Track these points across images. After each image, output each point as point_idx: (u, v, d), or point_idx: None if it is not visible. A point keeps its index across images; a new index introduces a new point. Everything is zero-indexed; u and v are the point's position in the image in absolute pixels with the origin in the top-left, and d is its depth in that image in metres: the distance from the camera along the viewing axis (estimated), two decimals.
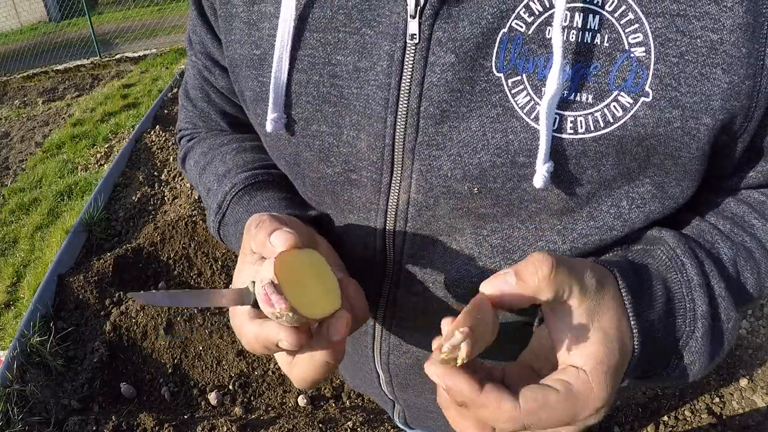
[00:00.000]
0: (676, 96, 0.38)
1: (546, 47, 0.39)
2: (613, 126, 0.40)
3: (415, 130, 0.43)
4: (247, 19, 0.49)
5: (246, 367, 1.94)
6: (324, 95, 0.46)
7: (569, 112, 0.40)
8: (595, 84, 0.39)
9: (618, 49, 0.38)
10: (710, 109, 0.38)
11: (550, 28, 0.39)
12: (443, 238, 0.48)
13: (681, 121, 0.39)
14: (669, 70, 0.38)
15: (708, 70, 0.38)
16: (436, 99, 0.42)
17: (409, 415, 0.72)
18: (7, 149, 4.27)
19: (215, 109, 0.64)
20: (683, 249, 0.42)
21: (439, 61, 0.41)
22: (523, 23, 0.39)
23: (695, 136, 0.39)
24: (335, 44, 0.45)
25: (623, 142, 0.40)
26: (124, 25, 6.81)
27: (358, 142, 0.46)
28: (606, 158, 0.41)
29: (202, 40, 0.57)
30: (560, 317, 0.37)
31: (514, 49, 0.40)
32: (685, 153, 0.40)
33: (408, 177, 0.45)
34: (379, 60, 0.43)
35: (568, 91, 0.39)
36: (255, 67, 0.50)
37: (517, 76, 0.40)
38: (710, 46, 0.37)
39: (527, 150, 0.41)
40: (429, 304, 0.52)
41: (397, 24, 0.41)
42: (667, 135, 0.39)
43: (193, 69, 0.63)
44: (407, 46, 0.41)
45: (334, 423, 1.70)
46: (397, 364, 0.60)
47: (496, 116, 0.41)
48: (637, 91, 0.39)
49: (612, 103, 0.39)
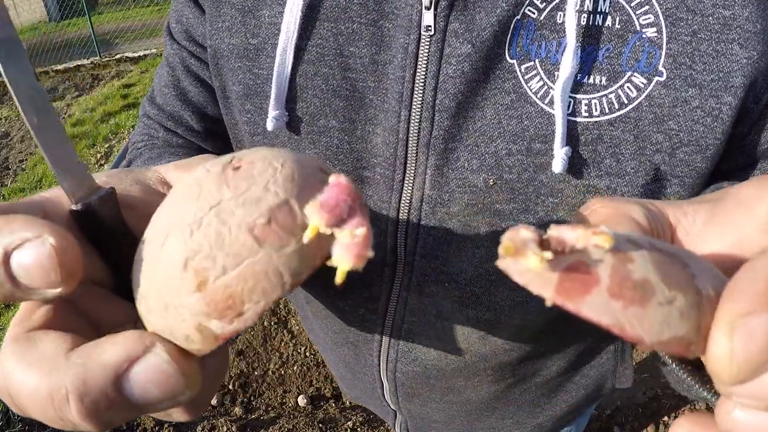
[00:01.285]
0: (692, 74, 0.38)
1: (558, 32, 0.39)
2: (628, 107, 0.39)
3: (430, 123, 0.42)
4: (241, 6, 0.46)
5: (246, 367, 1.94)
6: (334, 88, 0.44)
7: (583, 95, 0.40)
8: (608, 66, 0.39)
9: (629, 30, 0.38)
10: (731, 86, 0.38)
11: (561, 13, 0.39)
12: (458, 236, 0.46)
13: (700, 99, 0.38)
14: (682, 49, 0.38)
15: (723, 46, 0.37)
16: (452, 91, 0.41)
17: (411, 425, 0.69)
18: (7, 149, 4.27)
19: (192, 110, 0.55)
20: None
21: (455, 53, 0.40)
22: (535, 9, 0.39)
23: (718, 117, 0.39)
24: (349, 35, 0.43)
25: (640, 126, 0.39)
26: (124, 25, 6.81)
27: (374, 138, 0.45)
28: (624, 145, 0.40)
29: (189, 27, 0.52)
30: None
31: (526, 35, 0.40)
32: (711, 140, 0.39)
33: (422, 173, 0.44)
34: (397, 53, 0.42)
35: (581, 74, 0.39)
36: (249, 57, 0.47)
37: (530, 61, 0.40)
38: (723, 22, 0.37)
39: (543, 136, 0.41)
40: (442, 306, 0.50)
41: (411, 16, 0.41)
42: (686, 116, 0.39)
43: (169, 66, 0.56)
44: (422, 38, 0.41)
45: (334, 423, 1.70)
46: (404, 372, 0.58)
47: (510, 103, 0.41)
48: (651, 71, 0.38)
49: (626, 84, 0.39)
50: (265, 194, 0.23)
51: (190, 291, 0.22)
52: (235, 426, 1.67)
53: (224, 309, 0.22)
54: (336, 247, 0.23)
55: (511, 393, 0.60)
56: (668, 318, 0.19)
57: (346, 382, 0.69)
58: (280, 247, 0.22)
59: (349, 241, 0.22)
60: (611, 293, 0.19)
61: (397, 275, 0.50)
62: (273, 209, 0.22)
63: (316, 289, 0.58)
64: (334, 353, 0.64)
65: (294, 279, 0.23)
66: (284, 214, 0.22)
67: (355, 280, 0.52)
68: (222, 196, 0.23)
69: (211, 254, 0.22)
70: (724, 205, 0.23)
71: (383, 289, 0.51)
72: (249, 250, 0.22)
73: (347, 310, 0.56)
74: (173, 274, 0.22)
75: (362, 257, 0.22)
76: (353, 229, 0.22)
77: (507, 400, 0.61)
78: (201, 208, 0.23)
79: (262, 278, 0.22)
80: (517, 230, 0.20)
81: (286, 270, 0.22)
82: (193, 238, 0.22)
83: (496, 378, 0.57)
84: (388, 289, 0.51)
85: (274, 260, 0.22)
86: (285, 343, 2.01)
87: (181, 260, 0.22)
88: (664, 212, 0.24)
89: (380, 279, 0.51)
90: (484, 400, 0.60)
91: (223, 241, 0.22)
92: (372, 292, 0.52)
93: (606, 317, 0.19)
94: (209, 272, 0.22)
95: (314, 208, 0.22)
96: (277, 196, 0.23)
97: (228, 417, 1.74)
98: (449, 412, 0.63)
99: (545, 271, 0.20)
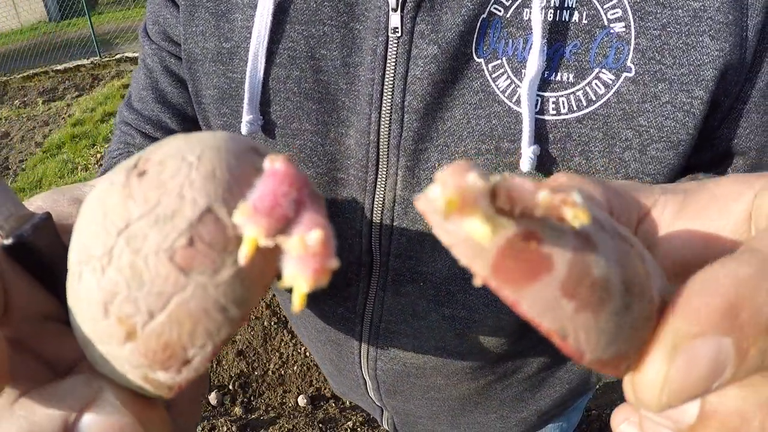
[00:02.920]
0: (661, 69, 0.37)
1: (524, 29, 0.39)
2: (596, 104, 0.39)
3: (400, 125, 0.42)
4: (215, 10, 0.46)
5: (246, 367, 1.94)
6: (306, 91, 0.44)
7: (550, 92, 0.39)
8: (575, 62, 0.38)
9: (597, 26, 0.38)
10: (702, 80, 0.37)
11: (527, 10, 0.38)
12: (430, 236, 0.46)
13: (670, 94, 0.38)
14: (651, 44, 0.37)
15: (694, 39, 0.37)
16: (420, 92, 0.41)
17: (398, 421, 0.70)
18: (7, 149, 4.27)
19: (171, 112, 0.55)
20: None
21: (422, 54, 0.40)
22: (501, 7, 0.39)
23: (689, 112, 0.38)
24: (320, 38, 0.43)
25: (609, 122, 0.39)
26: (124, 25, 6.81)
27: (346, 140, 0.45)
28: (593, 143, 0.40)
29: (167, 27, 0.51)
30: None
31: (493, 34, 0.39)
32: (684, 135, 0.39)
33: (393, 174, 0.44)
34: (366, 55, 0.42)
35: (549, 71, 0.39)
36: (223, 61, 0.47)
37: (497, 60, 0.40)
38: (693, 14, 0.36)
39: (511, 135, 0.40)
40: (418, 305, 0.51)
41: (379, 18, 0.40)
42: (656, 112, 0.38)
43: (147, 68, 0.55)
44: (390, 40, 0.40)
45: (334, 423, 1.70)
46: (385, 370, 0.58)
47: (478, 102, 0.41)
48: (619, 67, 0.38)
49: (593, 81, 0.38)
50: (180, 204, 0.17)
51: (119, 342, 0.18)
52: (235, 426, 1.67)
53: (165, 360, 0.18)
54: (286, 261, 0.17)
55: (492, 389, 0.60)
56: (619, 330, 0.15)
57: (334, 378, 0.69)
58: (213, 273, 0.17)
59: (301, 253, 0.16)
60: (564, 289, 0.15)
61: (374, 275, 0.50)
62: (193, 224, 0.17)
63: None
64: (319, 351, 0.65)
65: (243, 309, 0.18)
66: (209, 227, 0.17)
67: (333, 280, 0.52)
68: (129, 215, 0.17)
69: (130, 296, 0.17)
70: (697, 198, 0.21)
71: (360, 288, 0.52)
72: (174, 284, 0.17)
73: (327, 310, 0.56)
74: (97, 320, 0.18)
75: (322, 272, 0.16)
76: (304, 235, 0.17)
77: (489, 396, 0.61)
78: (108, 235, 0.18)
79: (201, 317, 0.17)
80: (463, 171, 0.15)
81: (229, 301, 0.17)
82: (106, 276, 0.17)
83: (475, 376, 0.57)
84: (365, 289, 0.52)
85: (210, 292, 0.17)
86: (285, 343, 2.01)
87: (100, 305, 0.18)
88: (635, 198, 0.22)
89: (357, 279, 0.51)
90: (465, 396, 0.61)
91: (141, 277, 0.17)
92: (350, 291, 0.53)
93: (549, 319, 0.15)
94: (134, 319, 0.17)
95: (246, 213, 0.17)
96: (196, 205, 0.17)
97: (228, 417, 1.74)
98: (432, 408, 0.63)
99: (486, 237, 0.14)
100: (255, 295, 0.18)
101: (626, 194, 0.21)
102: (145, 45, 0.55)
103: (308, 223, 0.17)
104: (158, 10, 0.52)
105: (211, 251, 0.17)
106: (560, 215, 0.15)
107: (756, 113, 0.40)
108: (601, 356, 0.15)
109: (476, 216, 0.14)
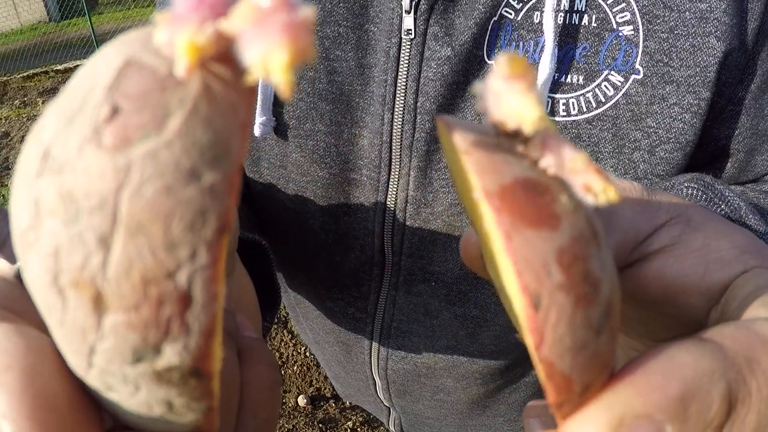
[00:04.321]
0: (668, 71, 0.38)
1: (534, 32, 0.39)
2: (606, 106, 0.39)
3: (413, 126, 0.43)
4: None
5: None
6: (320, 92, 0.45)
7: (560, 94, 0.40)
8: (585, 65, 0.39)
9: (606, 29, 0.38)
10: (708, 81, 0.38)
11: (537, 13, 0.39)
12: (442, 236, 0.47)
13: (677, 96, 0.38)
14: (659, 46, 0.38)
15: (700, 40, 0.37)
16: (433, 94, 0.42)
17: (405, 422, 0.70)
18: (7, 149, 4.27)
19: None
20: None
21: (435, 56, 0.41)
22: (512, 10, 0.40)
23: (697, 113, 0.39)
24: (334, 39, 0.43)
25: (618, 124, 0.40)
26: (124, 25, 6.81)
27: (360, 140, 0.45)
28: (603, 144, 0.40)
29: None
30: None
31: (504, 36, 0.40)
32: (691, 136, 0.39)
33: (406, 174, 0.45)
34: (380, 57, 0.43)
35: (559, 73, 0.39)
36: None
37: None
38: (700, 16, 0.37)
39: None
40: (429, 304, 0.51)
41: (393, 20, 0.41)
42: (664, 113, 0.39)
43: None
44: (403, 41, 0.41)
45: (334, 423, 1.70)
46: (395, 370, 0.58)
47: None
48: (627, 69, 0.39)
49: (603, 83, 0.39)
50: (91, 85, 0.13)
51: (93, 326, 0.13)
52: None
53: (156, 312, 0.12)
54: (246, 45, 0.12)
55: (501, 393, 0.61)
56: (583, 347, 0.14)
57: (340, 380, 0.69)
58: (159, 128, 0.12)
59: (257, 16, 0.11)
60: (559, 257, 0.13)
61: (386, 274, 0.51)
62: (111, 86, 0.12)
63: (305, 291, 0.59)
64: (326, 353, 0.65)
65: (220, 167, 0.12)
66: (132, 78, 0.12)
67: (345, 280, 0.52)
68: (42, 145, 0.13)
69: (72, 237, 0.12)
70: (689, 243, 0.20)
71: (372, 288, 0.52)
72: (114, 174, 0.12)
73: (337, 311, 0.56)
74: (56, 309, 0.13)
75: (296, 27, 0.11)
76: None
77: (497, 400, 0.62)
78: (29, 187, 0.13)
79: (167, 204, 0.12)
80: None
81: (196, 158, 0.12)
82: (40, 238, 0.13)
83: (485, 381, 0.57)
84: (376, 288, 0.52)
85: (163, 156, 0.12)
86: (285, 343, 2.01)
87: (50, 283, 0.13)
88: (639, 223, 0.21)
89: (369, 278, 0.51)
90: (474, 400, 0.61)
91: (73, 198, 0.12)
92: (361, 291, 0.53)
93: (531, 275, 0.13)
94: (89, 267, 0.12)
95: (167, 22, 0.12)
96: (109, 67, 0.13)
97: None
98: (441, 410, 0.63)
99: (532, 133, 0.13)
100: (230, 138, 0.12)
101: (633, 220, 0.21)
102: None
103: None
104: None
105: (145, 103, 0.12)
106: (590, 184, 0.14)
107: (746, 116, 0.41)
108: (557, 358, 0.14)
109: (533, 95, 0.13)
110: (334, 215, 0.49)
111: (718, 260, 0.20)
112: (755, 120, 0.41)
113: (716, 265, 0.20)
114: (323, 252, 0.51)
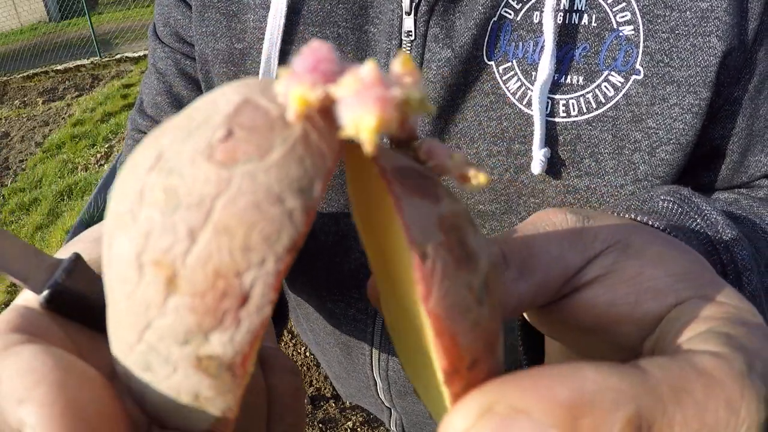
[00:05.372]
0: (669, 71, 0.38)
1: (534, 32, 0.39)
2: (606, 106, 0.39)
3: None
4: (225, 10, 0.46)
5: None
6: None
7: (560, 95, 0.40)
8: (585, 65, 0.39)
9: (606, 29, 0.38)
10: (709, 81, 0.38)
11: (537, 13, 0.39)
12: None
13: (677, 97, 0.38)
14: (659, 47, 0.38)
15: (701, 40, 0.37)
16: (433, 95, 0.41)
17: (407, 422, 0.70)
18: (7, 149, 4.27)
19: None
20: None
21: (435, 58, 0.41)
22: (511, 10, 0.39)
23: (697, 114, 0.38)
24: (334, 39, 0.43)
25: (618, 125, 0.39)
26: (124, 25, 6.81)
27: None
28: (603, 145, 0.40)
29: (178, 28, 0.51)
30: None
31: (503, 37, 0.40)
32: (692, 137, 0.39)
33: None
34: (380, 58, 0.42)
35: (558, 73, 0.39)
36: (235, 62, 0.46)
37: (507, 62, 0.40)
38: (701, 15, 0.37)
39: (522, 136, 0.41)
40: None
41: (393, 21, 0.41)
42: (665, 114, 0.39)
43: (159, 72, 0.54)
44: (403, 43, 0.41)
45: (334, 423, 1.70)
46: (396, 371, 0.58)
47: (489, 104, 0.41)
48: (628, 70, 0.38)
49: (603, 84, 0.39)
50: (213, 109, 0.16)
51: (158, 303, 0.15)
52: None
53: (218, 302, 0.14)
54: (344, 108, 0.14)
55: None
56: (467, 311, 0.15)
57: (341, 381, 0.69)
58: (261, 157, 0.15)
59: (357, 87, 0.14)
60: (441, 223, 0.15)
61: None
62: (230, 116, 0.15)
63: (305, 293, 0.58)
64: (327, 354, 0.65)
65: (303, 199, 0.15)
66: (248, 114, 0.15)
67: (345, 281, 0.52)
68: (160, 147, 0.16)
69: (165, 224, 0.15)
70: (623, 272, 0.20)
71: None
72: (217, 183, 0.14)
73: (338, 312, 0.56)
74: (130, 283, 0.15)
75: (386, 100, 0.14)
76: (356, 71, 0.14)
77: None
78: (137, 180, 0.16)
79: (253, 215, 0.14)
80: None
81: (285, 187, 0.14)
82: (137, 222, 0.15)
83: None
84: None
85: (260, 179, 0.14)
86: (285, 343, 2.01)
87: (132, 262, 0.15)
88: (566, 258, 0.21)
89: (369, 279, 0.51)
90: None
91: (176, 195, 0.15)
92: (361, 292, 0.52)
93: (418, 231, 0.15)
94: (173, 252, 0.14)
95: (287, 76, 0.15)
96: (230, 102, 0.16)
97: None
98: None
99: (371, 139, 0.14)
100: (315, 178, 0.15)
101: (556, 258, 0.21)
102: (157, 48, 0.54)
103: (356, 68, 0.15)
104: (168, 11, 0.52)
105: (255, 135, 0.15)
106: (465, 173, 0.17)
107: (742, 116, 0.41)
108: (443, 312, 0.14)
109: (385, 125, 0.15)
110: (333, 216, 0.49)
111: (650, 289, 0.20)
112: (750, 120, 0.41)
113: (648, 295, 0.20)
114: (323, 253, 0.51)
